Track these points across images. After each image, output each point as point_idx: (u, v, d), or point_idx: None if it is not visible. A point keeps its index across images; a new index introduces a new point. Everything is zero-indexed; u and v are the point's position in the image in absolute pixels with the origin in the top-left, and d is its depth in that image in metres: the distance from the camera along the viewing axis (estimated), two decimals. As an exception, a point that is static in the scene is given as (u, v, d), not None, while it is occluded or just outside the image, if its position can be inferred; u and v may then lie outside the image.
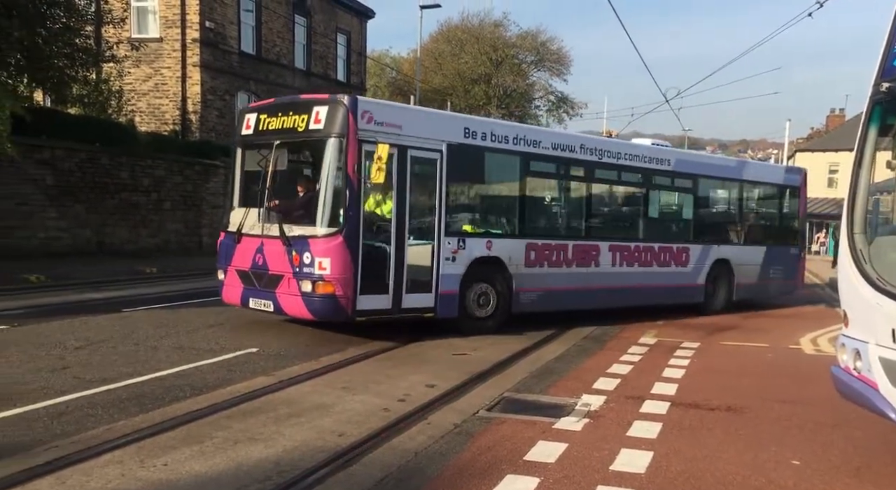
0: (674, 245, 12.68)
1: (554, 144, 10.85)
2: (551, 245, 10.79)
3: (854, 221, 4.89)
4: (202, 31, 23.77)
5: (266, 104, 9.86)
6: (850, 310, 4.88)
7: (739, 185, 14.32)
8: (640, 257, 12.05)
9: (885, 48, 4.91)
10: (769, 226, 15.31)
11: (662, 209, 13.40)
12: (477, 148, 9.85)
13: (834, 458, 5.12)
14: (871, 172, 4.98)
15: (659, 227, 13.13)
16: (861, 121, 5.09)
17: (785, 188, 15.27)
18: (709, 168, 13.72)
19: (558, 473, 4.58)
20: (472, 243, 9.68)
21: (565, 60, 49.89)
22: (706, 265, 13.14)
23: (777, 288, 15.02)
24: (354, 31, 32.82)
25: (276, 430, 5.34)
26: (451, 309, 9.45)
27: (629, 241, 12.06)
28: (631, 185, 12.53)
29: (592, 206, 11.87)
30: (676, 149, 14.11)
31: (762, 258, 14.34)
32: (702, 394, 6.92)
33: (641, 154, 12.24)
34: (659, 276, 12.35)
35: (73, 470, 4.37)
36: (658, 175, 12.53)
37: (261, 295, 8.89)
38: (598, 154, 11.46)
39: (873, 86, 4.92)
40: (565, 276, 10.90)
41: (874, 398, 4.53)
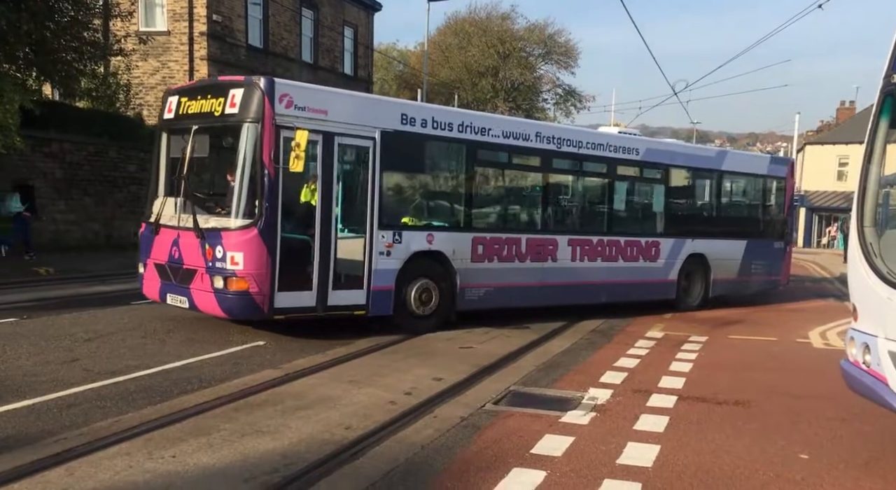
0: (642, 239, 12.05)
1: (506, 132, 10.22)
2: (502, 239, 10.20)
3: (864, 215, 4.86)
4: (209, 25, 23.77)
5: (187, 86, 9.38)
6: (859, 304, 4.85)
7: (717, 176, 13.53)
8: (604, 252, 11.43)
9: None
10: (751, 218, 14.59)
11: (630, 201, 12.62)
12: (416, 135, 9.26)
13: (842, 453, 5.09)
14: (881, 165, 4.94)
15: (626, 220, 12.41)
16: (872, 113, 5.04)
17: (769, 179, 14.50)
18: (682, 158, 12.92)
19: (565, 467, 4.58)
20: (410, 237, 9.13)
21: (573, 53, 49.70)
22: (678, 260, 12.49)
23: (760, 284, 14.32)
24: (361, 25, 32.74)
25: (283, 422, 5.35)
26: (385, 306, 8.93)
27: (592, 235, 11.42)
28: (594, 175, 11.81)
29: (550, 198, 11.24)
30: (646, 137, 13.41)
31: (742, 253, 13.61)
32: (709, 388, 6.90)
33: (606, 143, 11.55)
34: (626, 272, 11.74)
35: (81, 461, 4.40)
36: (625, 165, 11.87)
37: (177, 290, 8.48)
38: (556, 143, 10.80)
39: (884, 78, 4.88)
40: (518, 272, 10.33)
41: (883, 392, 4.51)
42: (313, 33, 29.49)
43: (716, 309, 13.23)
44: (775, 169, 14.69)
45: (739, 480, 4.47)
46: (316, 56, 29.66)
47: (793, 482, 4.48)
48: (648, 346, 9.05)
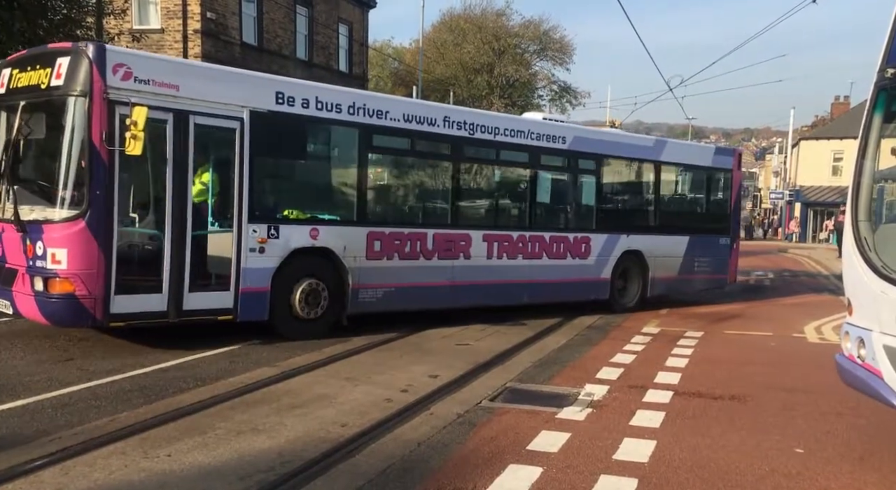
0: (570, 234, 11.20)
1: (408, 116, 9.25)
2: (404, 234, 9.28)
3: (859, 209, 4.86)
4: (203, 22, 23.68)
5: (18, 56, 8.10)
6: (854, 298, 4.85)
7: (655, 167, 12.57)
8: (525, 248, 10.54)
9: (890, 34, 4.85)
10: (694, 213, 13.77)
11: (556, 194, 11.63)
12: (296, 117, 8.26)
13: (838, 447, 5.11)
14: (875, 160, 4.94)
15: (551, 215, 11.55)
16: (865, 108, 5.05)
17: (714, 171, 13.63)
18: (615, 147, 12.01)
19: (561, 463, 4.58)
20: (289, 231, 8.20)
21: (568, 49, 49.61)
22: (612, 257, 11.66)
23: (704, 282, 13.49)
24: (356, 22, 32.66)
25: (279, 420, 5.34)
26: (258, 310, 8.02)
27: (511, 230, 10.56)
28: (514, 165, 10.94)
29: (462, 190, 10.23)
30: (575, 125, 12.63)
31: (684, 249, 12.74)
32: (705, 383, 6.91)
33: (527, 130, 10.61)
34: (551, 271, 10.86)
35: (76, 461, 4.38)
36: (550, 154, 10.99)
37: (1, 293, 7.39)
38: (468, 128, 9.85)
39: (878, 72, 4.88)
40: (424, 271, 9.43)
41: (878, 386, 4.52)
42: (308, 30, 29.41)
43: (709, 304, 13.26)
44: (721, 160, 13.82)
45: (735, 475, 4.48)
46: (310, 53, 29.59)
47: (788, 476, 4.49)
48: (644, 342, 9.07)
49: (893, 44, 4.82)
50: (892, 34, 4.85)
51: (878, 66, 4.88)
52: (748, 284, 17.81)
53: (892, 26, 4.86)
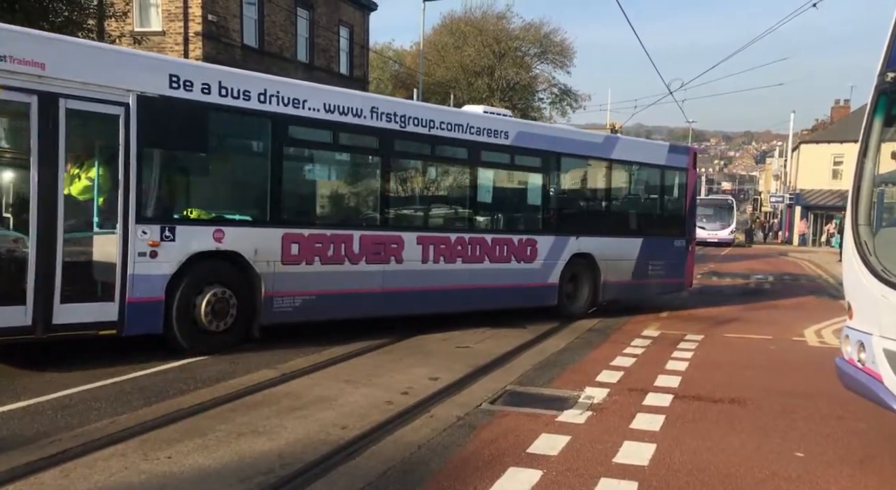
0: (515, 237, 10.50)
1: (329, 106, 8.41)
2: (327, 236, 8.45)
3: (859, 213, 4.87)
4: (205, 25, 23.72)
5: None
6: (854, 301, 4.86)
7: (607, 166, 11.94)
8: (465, 252, 9.79)
9: (890, 38, 4.88)
10: (647, 214, 13.14)
11: (499, 193, 10.94)
12: (195, 104, 7.37)
13: (838, 450, 5.11)
14: (875, 163, 4.95)
15: (494, 215, 10.72)
16: (866, 111, 5.06)
17: (668, 170, 12.99)
18: (563, 143, 11.24)
19: (561, 466, 4.58)
20: (187, 233, 7.31)
21: (568, 52, 49.65)
22: (561, 261, 10.96)
23: (659, 287, 12.92)
24: (357, 24, 32.71)
25: (279, 423, 5.34)
26: (150, 322, 7.16)
27: (449, 232, 9.78)
28: (452, 161, 10.23)
29: (393, 188, 9.46)
30: (520, 119, 11.86)
31: (638, 252, 12.14)
32: (705, 386, 6.91)
33: (466, 124, 9.82)
34: (494, 275, 10.13)
35: (76, 463, 4.38)
36: (492, 150, 10.22)
37: None
38: (399, 121, 9.05)
39: (878, 76, 4.90)
40: (350, 276, 8.62)
41: (878, 390, 4.53)
42: (309, 33, 29.46)
43: (709, 307, 13.25)
44: (675, 159, 13.13)
45: (735, 478, 4.48)
46: (311, 56, 29.64)
47: (788, 480, 4.49)
48: (644, 345, 9.06)
49: (893, 48, 4.84)
50: (892, 38, 4.86)
51: (879, 70, 4.90)
52: (748, 287, 17.81)
53: (892, 31, 4.87)
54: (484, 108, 11.19)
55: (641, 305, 12.91)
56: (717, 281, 19.36)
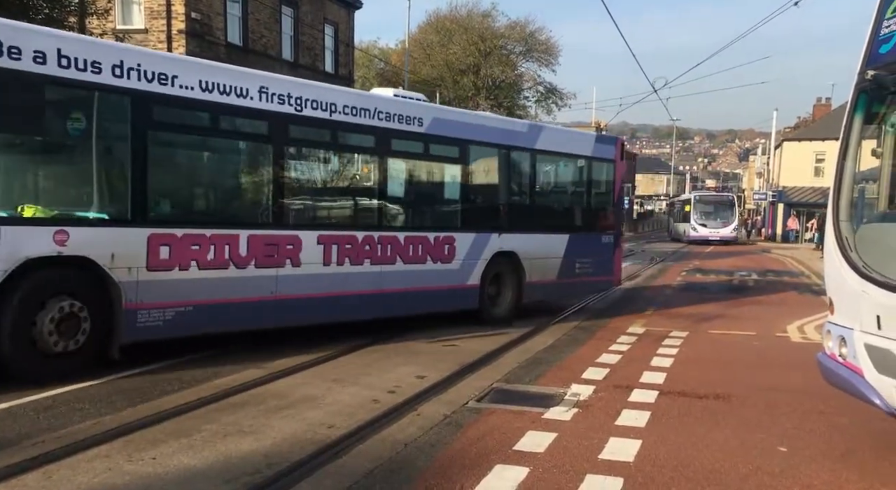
0: (430, 234, 9.50)
1: (207, 84, 7.24)
2: (206, 236, 7.22)
3: (840, 209, 4.92)
4: (188, 22, 23.53)
5: None
6: (835, 297, 4.91)
7: (530, 156, 11.11)
8: (374, 252, 8.77)
9: (871, 35, 4.93)
10: (574, 208, 12.43)
11: (413, 186, 9.84)
12: (25, 76, 6.07)
13: (820, 445, 5.17)
14: (856, 161, 5.01)
15: (407, 211, 9.63)
16: (846, 109, 5.11)
17: (596, 161, 12.31)
18: (484, 132, 10.34)
19: (547, 463, 4.60)
20: (17, 234, 6.01)
21: (553, 51, 49.85)
22: (482, 260, 10.11)
23: (587, 286, 12.31)
24: (342, 22, 32.60)
25: (266, 422, 5.32)
26: None
27: (356, 230, 8.70)
28: (358, 150, 9.12)
29: (289, 181, 8.22)
30: (436, 105, 10.68)
31: (564, 249, 11.47)
32: (690, 382, 6.96)
33: (374, 109, 8.80)
34: (407, 278, 9.15)
35: (59, 465, 4.34)
36: (403, 138, 9.21)
37: None
38: (295, 104, 7.98)
39: (858, 74, 4.94)
40: (236, 283, 7.43)
41: (859, 384, 4.57)
42: (294, 31, 29.32)
43: (694, 305, 13.35)
44: (602, 149, 12.44)
45: (719, 474, 4.52)
46: (296, 54, 29.50)
47: (771, 475, 4.53)
48: (630, 342, 9.12)
49: (873, 46, 4.89)
50: (872, 36, 4.92)
51: (859, 68, 4.95)
52: (732, 284, 17.96)
53: (872, 28, 4.93)
54: (394, 91, 10.03)
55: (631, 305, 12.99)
56: (702, 278, 19.51)
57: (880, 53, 4.80)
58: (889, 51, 4.73)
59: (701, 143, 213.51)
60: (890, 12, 4.77)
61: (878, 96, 4.90)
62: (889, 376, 4.31)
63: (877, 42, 4.86)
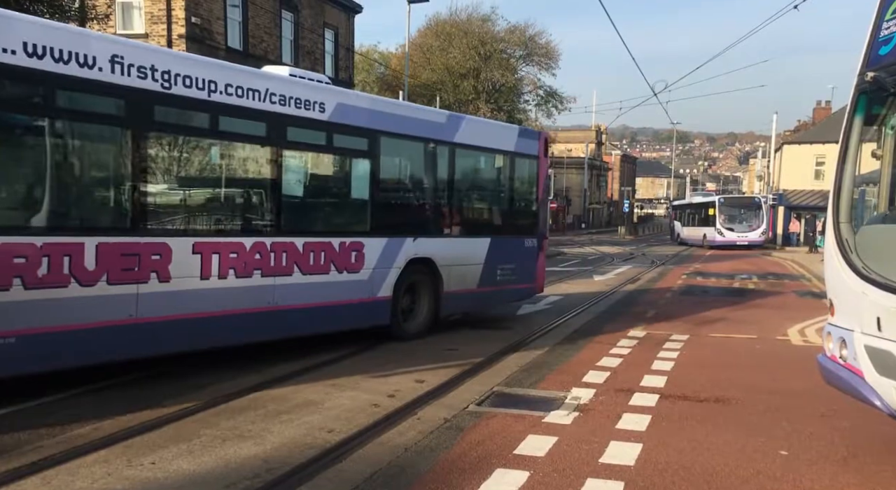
0: (335, 240, 8.20)
1: (34, 47, 5.57)
2: (35, 246, 5.61)
3: (840, 211, 4.92)
4: (188, 27, 23.60)
5: None
6: (836, 298, 4.90)
7: (450, 151, 9.92)
8: (266, 261, 7.40)
9: (870, 37, 4.93)
10: (496, 210, 11.34)
11: (314, 183, 8.62)
12: None
13: (821, 449, 5.15)
14: (856, 163, 5.00)
15: (307, 212, 8.41)
16: (846, 111, 5.11)
17: (519, 157, 11.29)
18: (398, 122, 9.08)
19: (548, 467, 4.59)
20: None
21: (553, 54, 49.92)
22: (395, 268, 8.91)
23: (509, 295, 11.27)
24: (342, 27, 32.68)
25: (265, 427, 5.31)
26: None
27: (243, 236, 7.29)
28: (245, 139, 7.53)
29: (154, 176, 6.69)
30: (342, 88, 9.54)
31: (485, 255, 10.45)
32: (690, 386, 6.95)
33: (265, 90, 7.43)
34: (307, 291, 7.83)
35: (58, 470, 4.34)
36: (303, 126, 7.87)
37: None
38: (162, 79, 6.44)
39: (858, 75, 4.94)
40: (80, 305, 5.89)
41: (860, 386, 4.56)
42: (293, 35, 29.40)
43: (693, 306, 13.32)
44: (525, 145, 11.40)
45: (720, 477, 4.51)
46: (296, 58, 29.56)
47: (772, 478, 4.52)
48: (630, 346, 9.10)
49: (873, 47, 4.89)
50: (871, 37, 4.92)
51: (858, 70, 4.94)
52: (733, 287, 17.95)
53: (871, 30, 4.93)
54: (290, 69, 8.60)
55: (632, 309, 12.97)
56: (702, 281, 19.49)
57: (880, 55, 4.80)
58: (889, 52, 4.72)
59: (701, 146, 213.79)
60: (889, 14, 4.77)
61: (877, 98, 4.90)
62: (889, 378, 4.29)
63: (876, 44, 4.85)
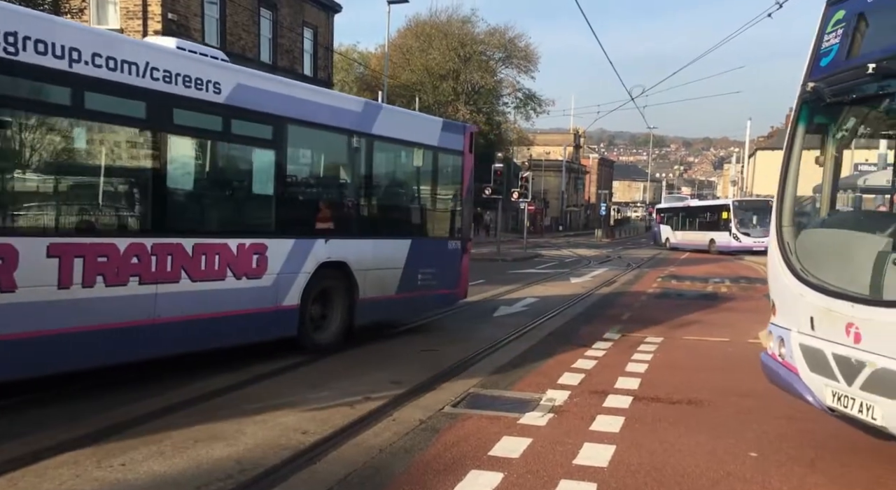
0: (233, 241, 7.21)
1: None
2: None
3: (783, 216, 5.17)
4: (164, 23, 23.32)
5: None
6: (777, 299, 5.12)
7: (366, 144, 9.04)
8: (145, 266, 6.32)
9: (813, 49, 5.14)
10: (418, 209, 10.53)
11: (207, 176, 7.50)
12: None
13: (790, 450, 5.24)
14: (798, 170, 5.25)
15: (199, 209, 7.35)
16: (791, 119, 5.35)
17: (443, 153, 10.48)
18: (307, 109, 8.13)
19: (522, 468, 4.61)
20: None
21: (532, 57, 50.29)
22: (303, 273, 8.00)
23: (431, 301, 10.42)
24: (321, 26, 32.53)
25: (238, 428, 5.27)
26: None
27: (116, 236, 6.19)
28: (120, 121, 6.37)
29: None
30: (243, 67, 8.06)
31: (405, 258, 9.61)
32: (664, 388, 7.02)
33: (145, 63, 6.28)
34: (196, 301, 6.80)
35: (24, 471, 4.26)
36: (193, 109, 6.81)
37: None
38: (5, 43, 5.31)
39: (801, 86, 5.14)
40: None
41: (795, 383, 4.81)
42: (272, 34, 29.20)
43: (668, 309, 13.46)
44: (450, 139, 10.57)
45: (691, 479, 4.56)
46: (275, 57, 29.36)
47: (742, 480, 4.59)
48: (605, 348, 9.18)
49: (815, 60, 5.10)
50: (814, 51, 5.12)
51: (802, 80, 5.14)
52: (706, 291, 18.17)
53: (814, 43, 5.14)
54: (179, 41, 7.65)
55: (608, 311, 13.06)
56: (677, 284, 19.71)
57: (821, 66, 5.01)
58: (828, 64, 4.91)
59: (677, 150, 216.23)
60: (830, 27, 4.97)
61: (819, 108, 5.11)
62: (820, 375, 4.53)
63: (818, 55, 5.06)
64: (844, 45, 4.76)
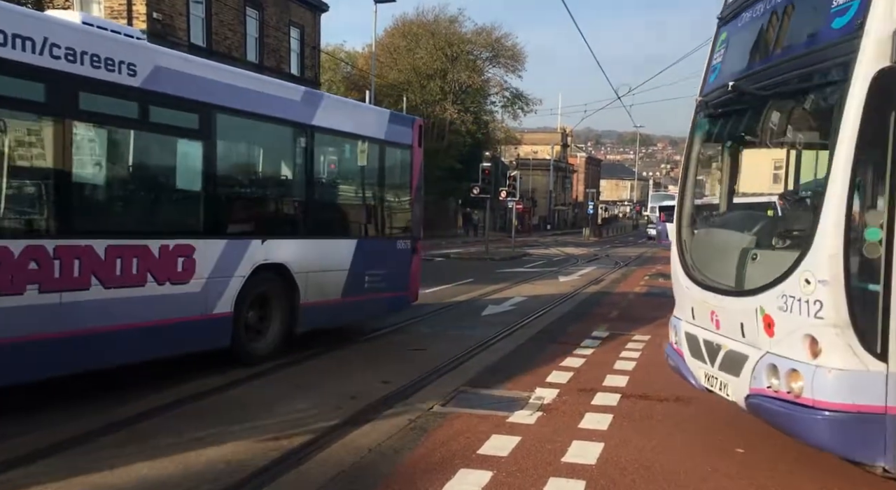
0: (154, 242, 6.43)
1: None
2: None
3: (682, 216, 5.66)
4: (150, 23, 23.15)
5: None
6: (676, 293, 5.68)
7: (307, 135, 8.36)
8: (48, 272, 5.49)
9: (706, 66, 5.65)
10: (363, 207, 9.83)
11: (121, 169, 6.79)
12: None
13: (776, 446, 5.28)
14: (696, 174, 5.78)
15: (113, 207, 6.60)
16: (689, 129, 5.79)
17: (390, 146, 9.88)
18: (240, 96, 7.42)
19: (511, 467, 4.62)
20: None
21: (520, 57, 50.39)
22: (237, 277, 7.28)
23: (379, 304, 9.69)
24: (308, 25, 32.42)
25: (226, 429, 5.25)
26: None
27: (9, 238, 5.29)
28: (16, 105, 5.51)
29: None
30: (162, 47, 7.19)
31: (350, 259, 8.96)
32: (651, 385, 7.06)
33: (44, 39, 5.49)
34: (111, 310, 6.00)
35: (7, 476, 4.22)
36: (103, 93, 6.01)
37: None
38: None
39: (696, 99, 5.67)
40: None
41: (681, 367, 5.39)
42: (258, 33, 29.06)
43: (655, 307, 13.52)
44: (397, 132, 10.00)
45: (679, 475, 4.59)
46: (261, 56, 29.22)
47: (729, 476, 4.62)
48: (594, 346, 9.21)
49: (706, 76, 5.63)
50: (707, 66, 5.64)
51: (698, 93, 5.66)
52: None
53: (707, 60, 5.65)
54: (84, 15, 6.88)
55: (595, 309, 13.10)
56: (664, 282, 19.78)
57: (710, 82, 5.56)
58: (714, 80, 5.46)
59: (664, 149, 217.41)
60: (718, 46, 5.51)
61: (710, 119, 5.66)
62: (695, 358, 5.12)
63: (709, 71, 5.61)
64: (724, 64, 5.37)
